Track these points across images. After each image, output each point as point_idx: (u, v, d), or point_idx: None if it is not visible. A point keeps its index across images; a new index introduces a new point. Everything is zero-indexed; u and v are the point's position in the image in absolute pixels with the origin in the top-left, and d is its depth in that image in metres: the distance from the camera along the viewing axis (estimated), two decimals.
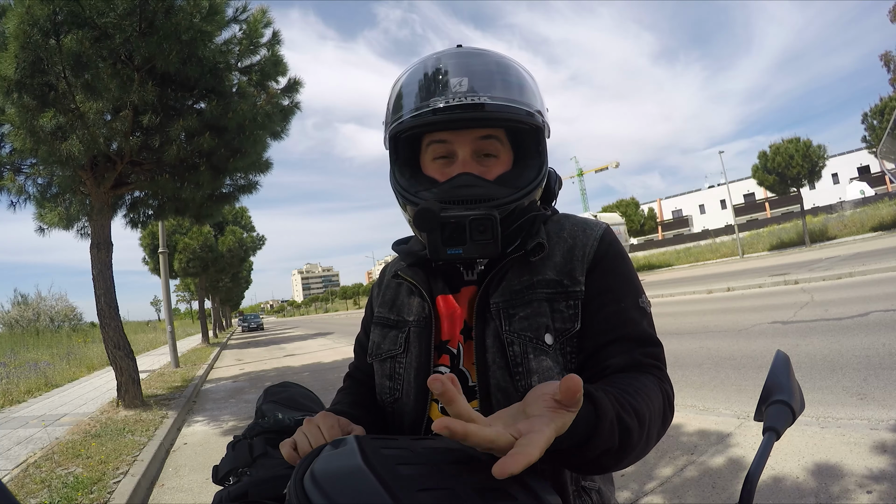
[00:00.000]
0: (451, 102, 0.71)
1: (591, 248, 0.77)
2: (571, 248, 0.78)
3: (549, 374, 0.71)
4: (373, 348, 0.89)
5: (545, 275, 0.76)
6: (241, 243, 21.77)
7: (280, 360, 12.26)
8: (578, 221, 0.82)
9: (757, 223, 41.21)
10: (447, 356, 0.80)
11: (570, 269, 0.76)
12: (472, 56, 0.77)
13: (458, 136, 0.75)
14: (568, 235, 0.79)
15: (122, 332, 6.14)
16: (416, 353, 0.81)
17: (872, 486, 2.34)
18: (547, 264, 0.77)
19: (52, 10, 4.37)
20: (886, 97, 24.50)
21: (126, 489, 3.44)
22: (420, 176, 0.79)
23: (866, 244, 18.64)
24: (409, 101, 0.76)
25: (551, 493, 0.56)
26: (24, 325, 19.54)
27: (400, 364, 0.83)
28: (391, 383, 0.84)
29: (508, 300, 0.76)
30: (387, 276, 0.94)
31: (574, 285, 0.75)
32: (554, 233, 0.80)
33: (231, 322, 51.75)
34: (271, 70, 6.23)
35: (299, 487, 0.49)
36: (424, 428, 0.79)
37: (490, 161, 0.77)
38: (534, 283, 0.76)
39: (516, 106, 0.74)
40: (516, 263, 0.78)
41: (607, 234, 0.80)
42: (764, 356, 5.05)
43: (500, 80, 0.75)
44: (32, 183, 6.31)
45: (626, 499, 2.60)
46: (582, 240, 0.78)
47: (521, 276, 0.77)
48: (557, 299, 0.75)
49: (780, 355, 0.69)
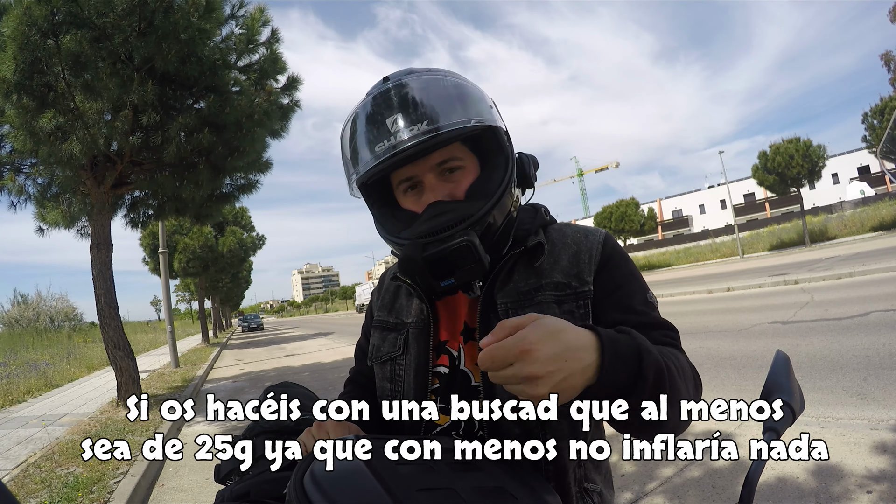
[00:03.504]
0: (395, 143, 0.71)
1: (597, 250, 0.80)
2: (577, 253, 0.80)
3: None
4: (373, 351, 0.90)
5: (553, 278, 0.78)
6: (241, 243, 21.75)
7: (280, 361, 12.26)
8: (579, 228, 0.85)
9: (757, 223, 41.21)
10: (446, 356, 0.81)
11: (578, 272, 0.78)
12: (400, 88, 0.76)
13: (416, 167, 0.76)
14: (572, 241, 0.82)
15: (122, 332, 6.14)
16: (415, 354, 0.82)
17: (872, 486, 2.34)
18: (554, 268, 0.79)
19: (50, 10, 4.36)
20: (886, 97, 24.52)
21: (126, 489, 3.43)
22: (400, 213, 0.80)
23: (866, 244, 18.64)
24: (356, 153, 0.77)
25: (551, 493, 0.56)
26: (24, 325, 19.52)
27: (399, 366, 0.84)
28: (391, 385, 0.85)
29: (517, 300, 0.77)
30: (386, 280, 0.96)
31: (583, 286, 0.77)
32: (557, 239, 0.83)
33: (231, 322, 51.73)
34: (270, 68, 6.23)
35: (299, 487, 0.49)
36: (424, 428, 0.80)
37: (457, 174, 0.77)
38: (542, 285, 0.78)
39: (457, 122, 0.73)
40: (520, 265, 0.79)
41: (609, 238, 0.83)
42: (764, 356, 5.05)
43: (431, 104, 0.74)
44: (32, 183, 6.31)
45: (627, 499, 2.60)
46: (586, 244, 0.81)
47: (528, 279, 0.78)
48: (567, 300, 0.76)
49: (780, 355, 0.69)
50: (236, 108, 5.62)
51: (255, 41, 6.03)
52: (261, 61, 6.17)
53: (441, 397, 0.79)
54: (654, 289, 16.23)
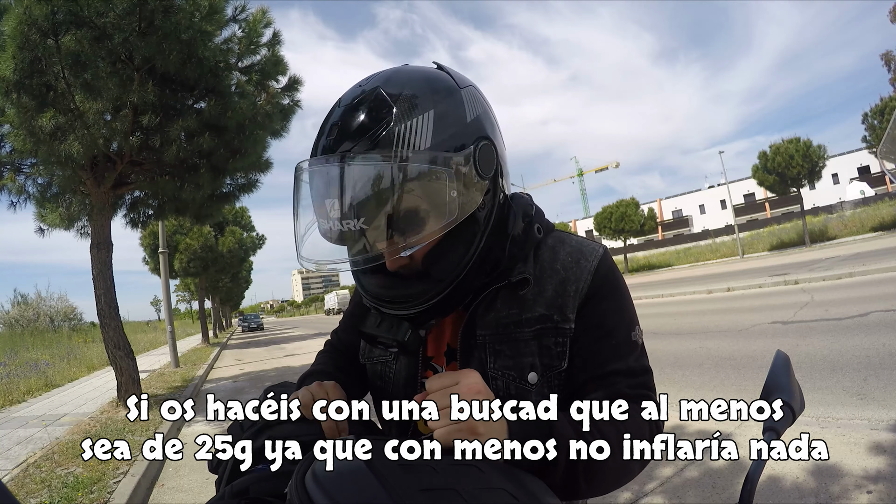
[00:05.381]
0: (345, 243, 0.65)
1: (585, 283, 0.73)
2: (564, 282, 0.73)
3: None
4: (364, 351, 0.92)
5: (535, 311, 0.73)
6: (241, 243, 21.76)
7: (280, 360, 12.25)
8: (574, 248, 0.76)
9: (757, 223, 41.21)
10: (431, 372, 0.83)
11: (561, 305, 0.72)
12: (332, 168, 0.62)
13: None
14: (561, 267, 0.75)
15: (122, 332, 6.14)
16: (405, 363, 0.84)
17: (872, 486, 2.34)
18: (538, 299, 0.73)
19: (50, 9, 4.36)
20: (887, 97, 24.54)
21: (126, 489, 3.43)
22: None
23: (866, 244, 18.64)
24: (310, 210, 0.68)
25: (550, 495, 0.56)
26: (24, 325, 19.53)
27: (390, 369, 0.86)
28: (381, 382, 0.87)
29: (495, 334, 0.74)
30: None
31: (564, 322, 0.72)
32: (547, 263, 0.76)
33: (231, 322, 51.72)
34: (271, 70, 6.23)
35: (301, 486, 0.49)
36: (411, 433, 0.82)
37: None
38: (522, 320, 0.73)
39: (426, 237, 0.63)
40: (504, 292, 0.75)
41: (603, 264, 0.75)
42: (764, 356, 5.05)
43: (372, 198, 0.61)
44: (32, 183, 6.31)
45: (626, 499, 2.60)
46: (575, 273, 0.74)
47: (510, 308, 0.74)
48: (546, 335, 0.72)
49: (780, 355, 0.69)
50: (238, 111, 5.62)
51: (256, 42, 6.03)
52: (262, 62, 6.17)
53: None
54: (655, 289, 16.18)
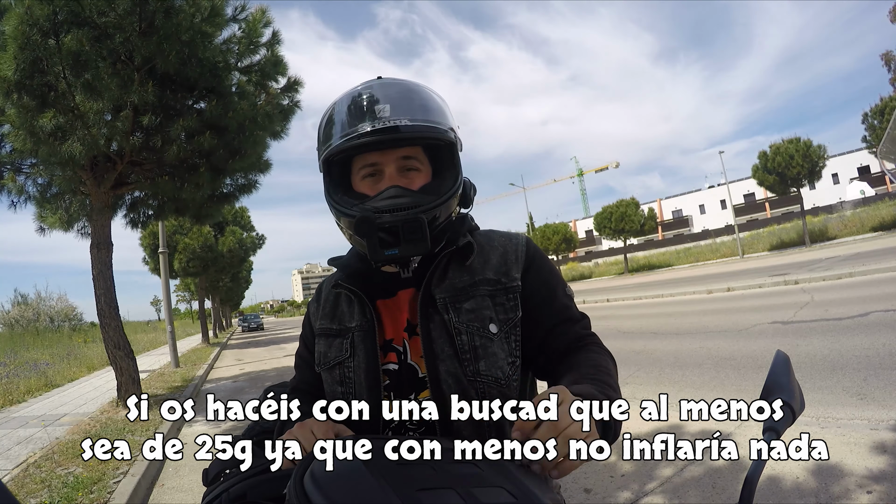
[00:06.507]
0: (376, 126, 0.81)
1: (522, 251, 0.92)
2: (504, 253, 0.91)
3: (495, 359, 0.83)
4: (320, 358, 0.95)
5: (485, 275, 0.88)
6: (241, 243, 21.74)
7: (280, 360, 12.25)
8: (503, 233, 0.97)
9: (757, 223, 41.20)
10: (393, 353, 0.88)
11: (507, 269, 0.89)
12: (391, 86, 0.86)
13: (384, 156, 0.85)
14: (498, 244, 0.93)
15: (122, 332, 6.14)
16: (363, 355, 0.87)
17: (872, 487, 2.34)
18: (486, 267, 0.89)
19: (51, 9, 4.36)
20: (886, 97, 24.53)
21: (126, 489, 3.43)
22: (351, 192, 0.88)
23: (866, 244, 18.64)
24: (338, 128, 0.84)
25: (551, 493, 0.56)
26: (24, 325, 19.53)
27: (348, 368, 0.89)
28: (342, 388, 0.90)
29: (454, 295, 0.86)
30: (324, 290, 1.02)
31: (511, 282, 0.88)
32: (485, 242, 0.93)
33: (231, 322, 51.69)
34: (271, 70, 6.23)
35: (299, 487, 0.49)
36: (382, 426, 0.84)
37: (413, 174, 0.87)
38: (476, 281, 0.88)
39: (431, 125, 0.84)
40: (454, 264, 0.89)
41: (530, 240, 0.96)
42: (764, 356, 5.05)
43: (416, 104, 0.85)
44: (32, 183, 6.31)
45: (626, 499, 2.60)
46: (512, 246, 0.93)
47: (461, 276, 0.88)
48: (498, 294, 0.87)
49: (780, 355, 0.69)
50: (238, 111, 5.62)
51: (256, 43, 6.03)
52: (262, 63, 6.17)
53: (394, 393, 0.86)
54: (655, 289, 16.28)
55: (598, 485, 2.79)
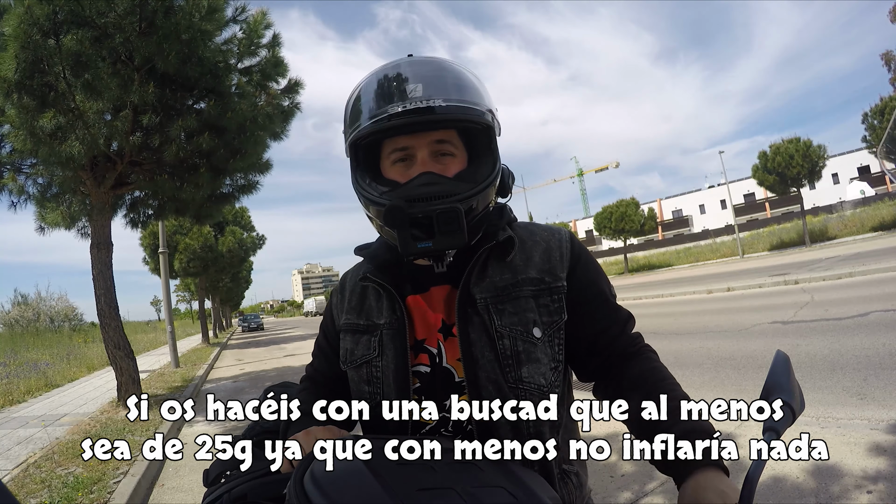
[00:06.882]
0: (408, 107, 0.73)
1: (567, 248, 0.85)
2: (547, 249, 0.85)
3: (538, 365, 0.77)
4: (346, 356, 0.89)
5: (528, 274, 0.82)
6: (241, 243, 21.73)
7: (280, 360, 12.25)
8: (544, 226, 0.91)
9: (757, 223, 41.17)
10: (425, 355, 0.81)
11: (551, 268, 0.82)
12: (423, 64, 0.80)
13: (416, 140, 0.77)
14: (540, 239, 0.86)
15: (122, 332, 6.14)
16: (392, 354, 0.82)
17: (872, 486, 2.34)
18: (528, 265, 0.83)
19: (51, 9, 4.36)
20: (887, 97, 24.45)
21: (126, 489, 3.43)
22: (381, 179, 0.81)
23: (866, 244, 18.64)
24: (367, 109, 0.77)
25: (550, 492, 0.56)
26: (24, 325, 19.53)
27: (376, 367, 0.83)
28: (370, 388, 0.84)
29: (496, 296, 0.79)
30: (349, 282, 0.95)
31: (556, 281, 0.82)
32: (526, 237, 0.86)
33: (231, 322, 51.67)
34: (271, 71, 6.23)
35: (299, 487, 0.49)
36: (410, 427, 0.79)
37: (447, 160, 0.79)
38: (518, 281, 0.81)
39: (468, 106, 0.76)
40: (493, 260, 0.82)
41: (573, 236, 0.89)
42: (764, 356, 5.05)
43: (451, 83, 0.77)
44: (33, 183, 6.31)
45: (626, 499, 2.60)
46: (556, 242, 0.86)
47: (502, 274, 0.81)
48: (542, 295, 0.80)
49: (780, 355, 0.69)
50: (238, 111, 5.62)
51: (256, 44, 6.03)
52: (262, 63, 6.17)
53: (424, 396, 0.80)
54: (655, 289, 16.28)
55: (598, 485, 2.79)
